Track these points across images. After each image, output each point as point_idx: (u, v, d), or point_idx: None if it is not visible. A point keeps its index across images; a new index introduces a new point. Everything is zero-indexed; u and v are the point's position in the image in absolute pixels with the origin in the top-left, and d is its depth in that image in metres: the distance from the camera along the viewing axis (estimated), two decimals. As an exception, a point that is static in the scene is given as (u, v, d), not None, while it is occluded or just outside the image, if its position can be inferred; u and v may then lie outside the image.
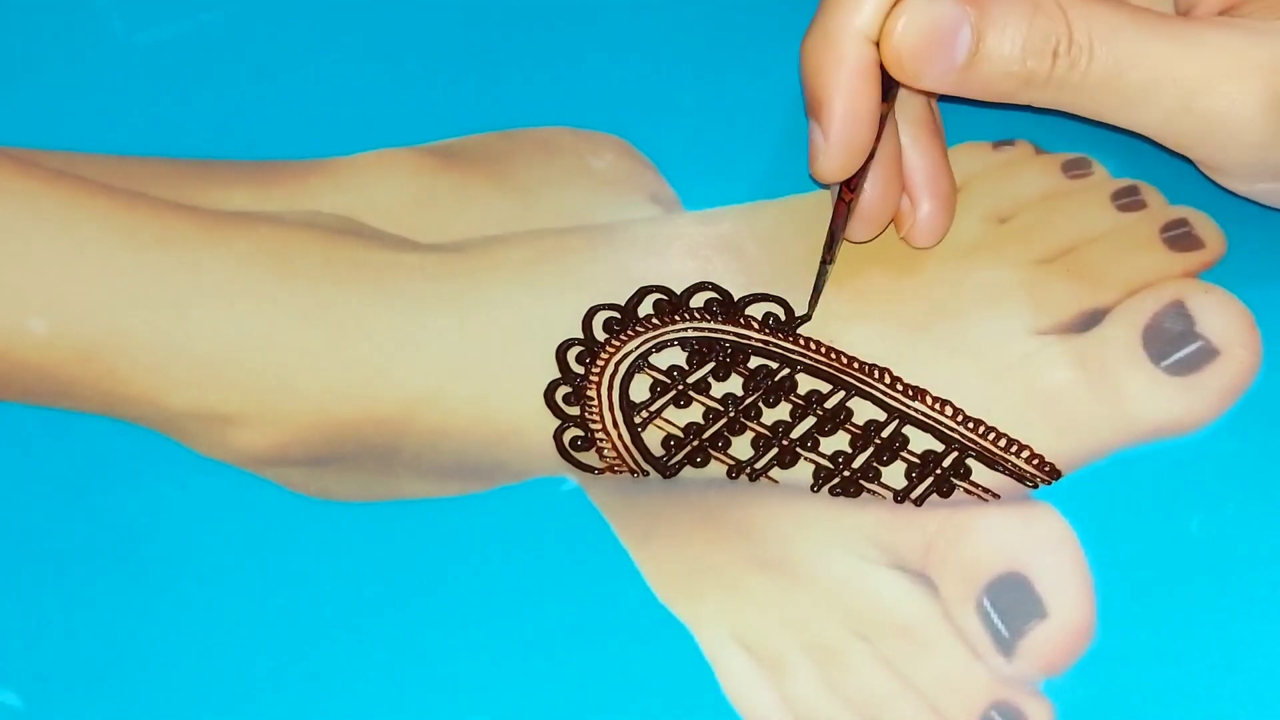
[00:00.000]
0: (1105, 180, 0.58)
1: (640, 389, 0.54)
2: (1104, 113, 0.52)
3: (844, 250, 0.56)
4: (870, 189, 0.54)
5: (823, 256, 0.55)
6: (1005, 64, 0.51)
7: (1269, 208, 0.55)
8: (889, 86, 0.52)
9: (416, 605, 0.50)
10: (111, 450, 0.53)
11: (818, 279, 0.55)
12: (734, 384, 0.54)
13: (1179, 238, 0.56)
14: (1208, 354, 0.54)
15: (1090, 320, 0.55)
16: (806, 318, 0.55)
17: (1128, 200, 0.57)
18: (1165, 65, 0.51)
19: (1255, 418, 0.53)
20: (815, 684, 0.49)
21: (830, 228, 0.55)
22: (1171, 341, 0.54)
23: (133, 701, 0.49)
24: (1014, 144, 0.59)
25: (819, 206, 0.57)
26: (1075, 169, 0.58)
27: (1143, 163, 0.57)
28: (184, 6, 0.62)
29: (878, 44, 0.51)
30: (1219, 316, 0.55)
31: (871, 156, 0.53)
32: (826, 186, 0.56)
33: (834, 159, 0.52)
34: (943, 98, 0.56)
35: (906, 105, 0.55)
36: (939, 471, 0.53)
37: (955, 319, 0.55)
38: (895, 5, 0.51)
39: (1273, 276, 0.56)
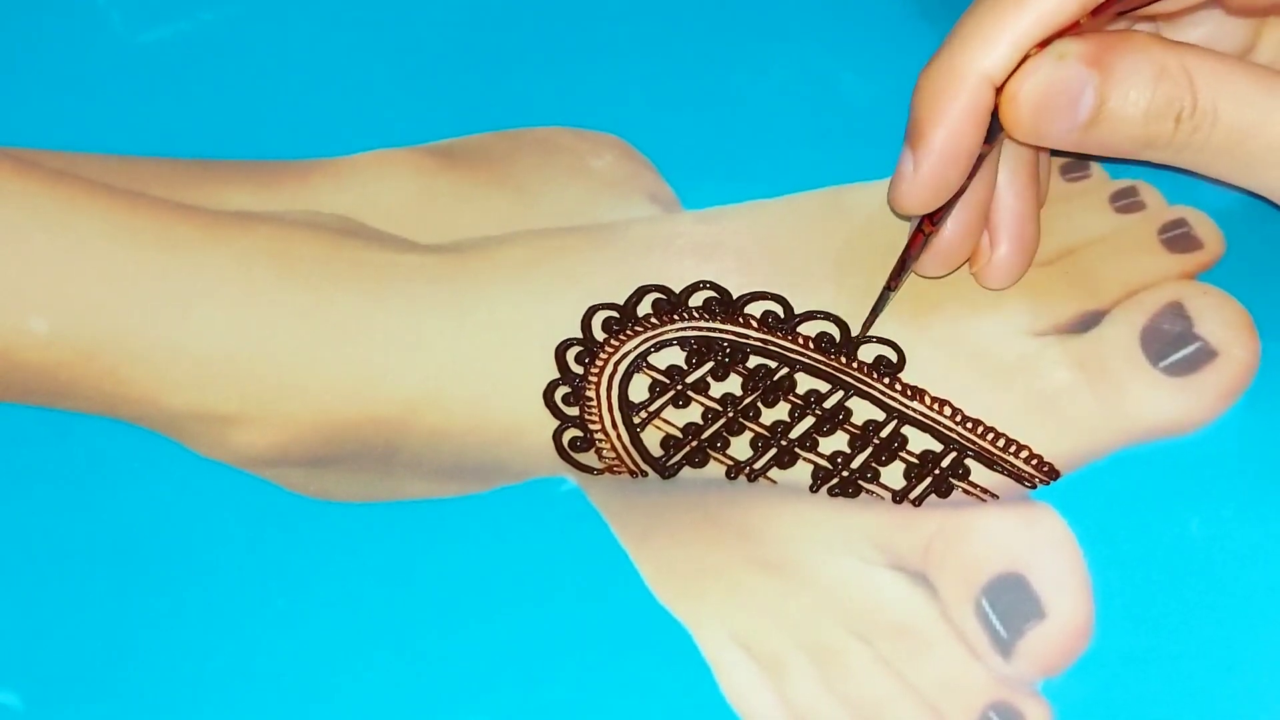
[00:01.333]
0: (1104, 181, 0.58)
1: (639, 389, 0.54)
2: (1225, 175, 0.52)
3: (841, 252, 0.56)
4: (952, 225, 0.54)
5: (887, 282, 0.54)
6: (1127, 126, 0.51)
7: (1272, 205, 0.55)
8: (995, 130, 0.51)
9: (416, 606, 0.50)
10: (112, 450, 0.53)
11: (878, 302, 0.54)
12: (733, 384, 0.54)
13: (1177, 238, 0.56)
14: (1206, 355, 0.54)
15: (1089, 321, 0.55)
16: (859, 338, 0.55)
17: (1126, 201, 0.57)
18: None
19: (1254, 418, 0.53)
20: (814, 684, 0.49)
21: (902, 255, 0.54)
22: (1170, 342, 0.55)
23: (132, 702, 0.49)
24: (1013, 146, 0.59)
25: (819, 206, 0.57)
26: (1074, 171, 0.58)
27: (1141, 163, 0.57)
28: (184, 6, 0.62)
29: (998, 89, 0.51)
30: (1217, 318, 0.55)
31: (960, 194, 0.52)
32: (904, 217, 0.55)
33: (918, 192, 0.52)
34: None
35: (1014, 146, 0.54)
36: (938, 472, 0.53)
37: (954, 320, 0.55)
38: (1025, 59, 0.50)
39: (1271, 277, 0.56)
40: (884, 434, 0.53)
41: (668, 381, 0.54)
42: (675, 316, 0.55)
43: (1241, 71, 0.51)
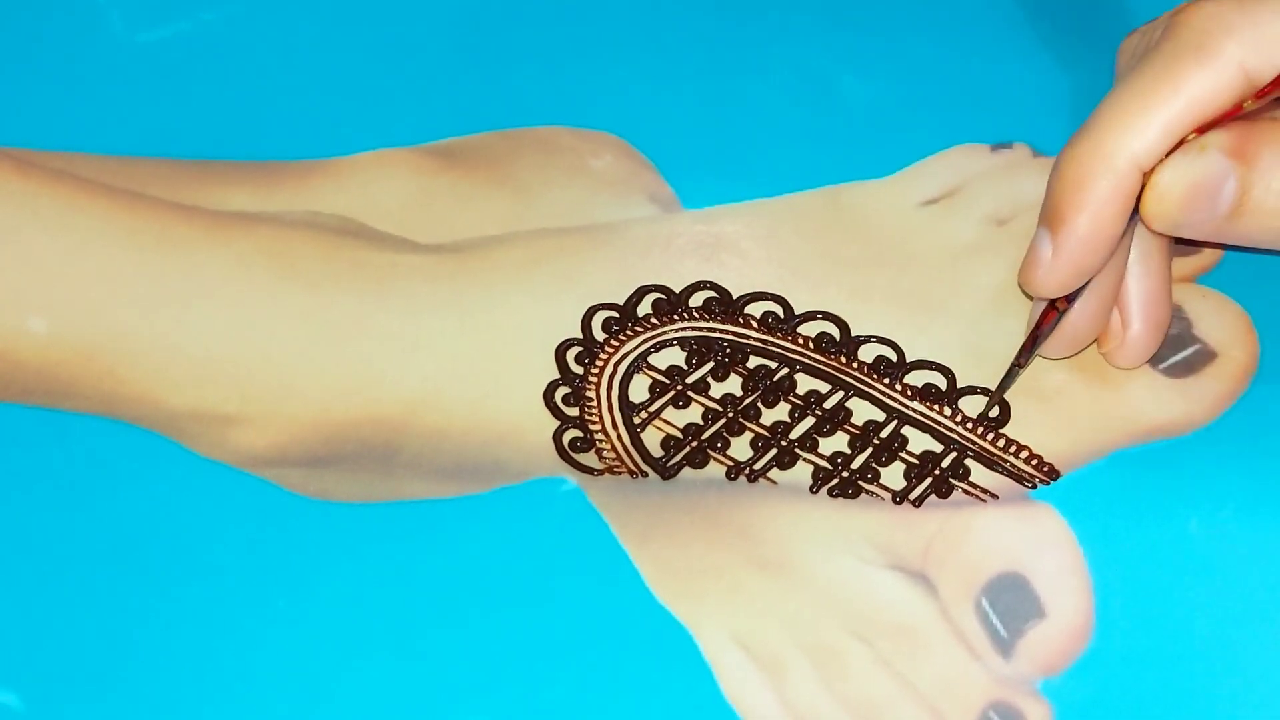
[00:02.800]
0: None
1: (639, 389, 0.54)
2: None
3: (841, 252, 0.56)
4: (1083, 305, 0.52)
5: (1015, 359, 0.53)
6: (1268, 219, 0.50)
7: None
8: (1132, 214, 0.50)
9: (416, 606, 0.50)
10: (111, 450, 0.53)
11: (1005, 379, 0.53)
12: (733, 384, 0.54)
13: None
14: (1205, 356, 0.54)
15: (1089, 321, 0.55)
16: (987, 416, 0.54)
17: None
18: None
19: (1252, 419, 0.53)
20: (814, 684, 0.49)
21: (1032, 333, 0.53)
22: (1169, 345, 0.55)
23: (132, 702, 0.49)
24: (1012, 146, 0.59)
25: (819, 205, 0.57)
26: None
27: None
28: (184, 6, 0.62)
29: (1147, 174, 0.50)
30: (1216, 319, 0.55)
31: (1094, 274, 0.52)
32: (1031, 297, 0.53)
33: (1058, 277, 0.50)
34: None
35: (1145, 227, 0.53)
36: (937, 472, 0.53)
37: (954, 320, 0.55)
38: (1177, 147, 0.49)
39: (1269, 280, 0.56)
40: (884, 434, 0.53)
41: (668, 382, 0.54)
42: (675, 316, 0.55)
43: None
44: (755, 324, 0.55)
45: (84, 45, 0.61)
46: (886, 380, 0.54)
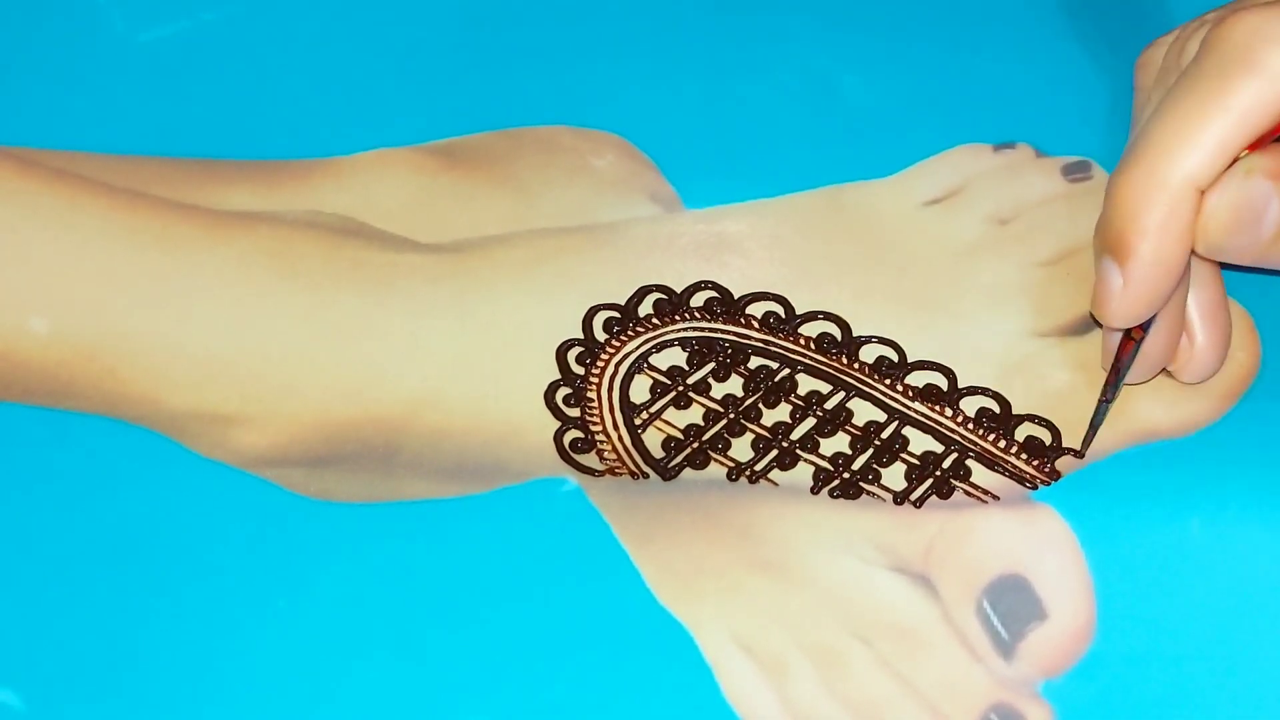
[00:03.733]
0: (1105, 183, 0.58)
1: (640, 390, 0.54)
2: None
3: (842, 252, 0.56)
4: (1156, 332, 0.52)
5: (1102, 395, 0.53)
6: None
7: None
8: None
9: (417, 606, 0.50)
10: (112, 450, 0.53)
11: (1095, 415, 0.53)
12: (734, 384, 0.54)
13: (1179, 241, 0.56)
14: (1207, 356, 0.54)
15: (1090, 322, 0.55)
16: (1080, 454, 0.53)
17: (1129, 204, 0.57)
18: None
19: (1254, 419, 0.53)
20: (815, 686, 0.49)
21: (1115, 365, 0.52)
22: (1170, 344, 0.55)
23: (133, 702, 0.49)
24: (1015, 147, 0.59)
25: (820, 205, 0.57)
26: (1076, 172, 0.58)
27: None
28: (184, 6, 0.62)
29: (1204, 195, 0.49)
30: (1218, 319, 0.55)
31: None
32: (1102, 326, 0.53)
33: (1131, 306, 0.50)
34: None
35: None
36: (939, 473, 0.53)
37: (956, 320, 0.55)
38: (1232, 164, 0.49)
39: (1271, 279, 0.56)
40: (885, 435, 0.53)
41: (669, 382, 0.54)
42: (676, 317, 0.55)
43: None
44: (756, 324, 0.55)
45: (85, 44, 0.61)
46: (888, 381, 0.54)
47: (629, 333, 0.55)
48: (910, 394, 0.54)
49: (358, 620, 0.50)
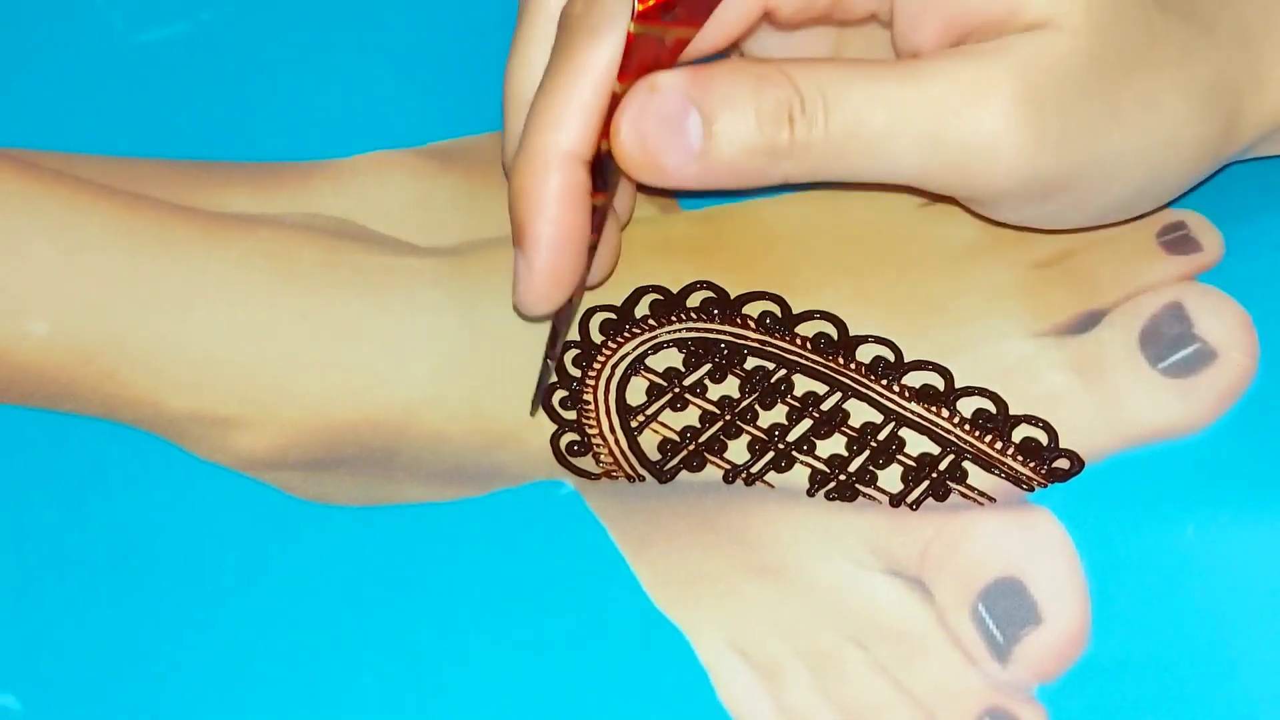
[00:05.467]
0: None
1: (637, 392, 0.54)
2: (857, 169, 0.50)
3: (839, 253, 0.56)
4: (599, 274, 0.54)
5: (546, 352, 0.53)
6: (744, 140, 0.49)
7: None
8: (606, 176, 0.50)
9: (414, 609, 0.50)
10: (110, 453, 0.53)
11: (542, 373, 0.53)
12: (730, 386, 0.54)
13: (1176, 241, 0.56)
14: (1205, 356, 0.54)
15: (1088, 322, 0.55)
16: (532, 414, 0.53)
17: (1125, 205, 0.57)
18: (902, 106, 0.49)
19: (1253, 421, 0.53)
20: (810, 690, 0.49)
21: (553, 324, 0.52)
22: (1169, 344, 0.54)
23: (131, 704, 0.49)
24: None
25: (819, 204, 0.57)
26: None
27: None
28: (184, 6, 0.62)
29: (590, 163, 0.50)
30: (1217, 319, 0.55)
31: (593, 253, 0.52)
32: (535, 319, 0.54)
33: (537, 292, 0.50)
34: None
35: None
36: (935, 475, 0.53)
37: (953, 321, 0.55)
38: (611, 111, 0.49)
39: (1271, 279, 0.55)
40: (881, 437, 0.53)
41: (665, 384, 0.54)
42: (673, 318, 0.55)
43: (837, 63, 0.50)
44: (753, 324, 0.55)
45: (84, 45, 0.61)
46: (884, 381, 0.54)
47: (625, 334, 0.55)
48: (907, 394, 0.54)
49: (356, 623, 0.50)
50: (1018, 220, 0.53)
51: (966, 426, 0.53)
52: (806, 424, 0.53)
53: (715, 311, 0.55)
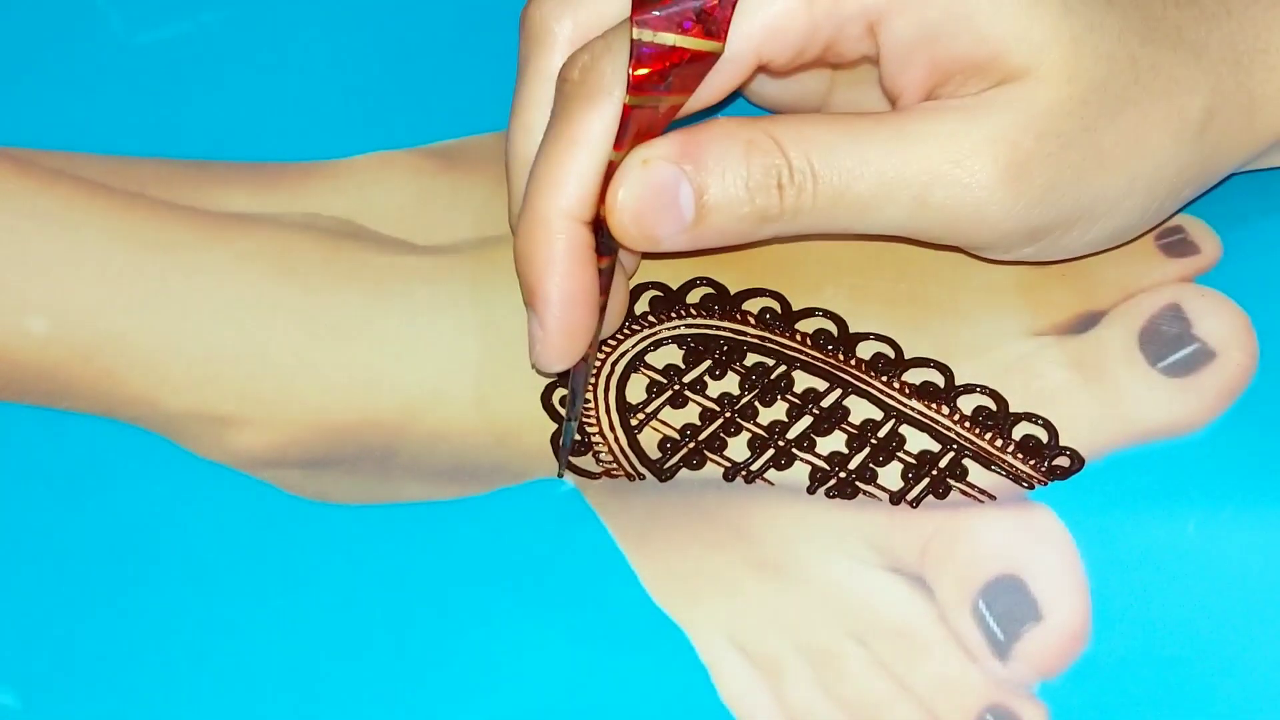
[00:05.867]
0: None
1: (637, 389, 0.54)
2: (847, 226, 0.51)
3: (839, 252, 0.56)
4: (609, 328, 0.54)
5: (566, 415, 0.53)
6: (735, 209, 0.50)
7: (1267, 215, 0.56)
8: (608, 240, 0.51)
9: (414, 607, 0.50)
10: (109, 451, 0.53)
11: (563, 437, 0.53)
12: (730, 382, 0.54)
13: (1174, 244, 0.56)
14: (1204, 356, 0.54)
15: (1087, 322, 0.55)
16: (560, 475, 0.53)
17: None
18: (890, 167, 0.50)
19: (1251, 420, 0.53)
20: (811, 687, 0.49)
21: (570, 386, 0.53)
22: (1168, 343, 0.55)
23: (130, 702, 0.49)
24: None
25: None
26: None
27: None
28: (184, 7, 0.62)
29: (591, 223, 0.50)
30: (1216, 319, 0.55)
31: (603, 313, 0.52)
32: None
33: (554, 348, 0.51)
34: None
35: None
36: (935, 473, 0.53)
37: (953, 319, 0.55)
38: (608, 179, 0.50)
39: (1269, 281, 0.56)
40: (881, 434, 0.53)
41: (665, 381, 0.54)
42: (673, 314, 0.55)
43: (823, 124, 0.50)
44: (753, 320, 0.55)
45: (84, 45, 0.61)
46: (884, 378, 0.54)
47: (625, 331, 0.55)
48: (907, 391, 0.54)
49: (355, 622, 0.50)
50: (1011, 258, 0.54)
51: (967, 424, 0.53)
52: (807, 421, 0.53)
53: (715, 308, 0.55)
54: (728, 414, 0.54)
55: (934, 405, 0.54)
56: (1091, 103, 0.50)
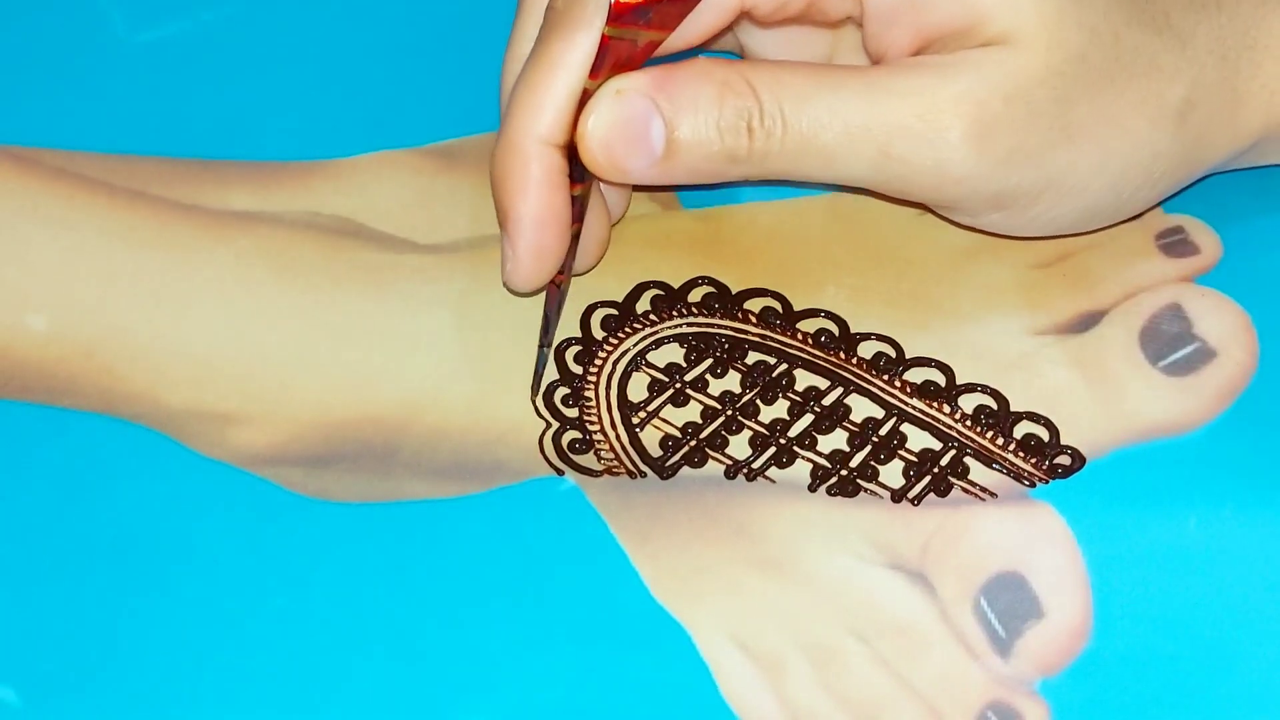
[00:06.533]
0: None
1: (638, 388, 0.54)
2: (811, 174, 0.52)
3: (840, 253, 0.56)
4: (585, 263, 0.55)
5: (540, 341, 0.54)
6: (704, 147, 0.51)
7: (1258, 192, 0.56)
8: (582, 168, 0.52)
9: (415, 605, 0.50)
10: (110, 448, 0.53)
11: (537, 362, 0.54)
12: (732, 381, 0.54)
13: (1175, 244, 0.56)
14: (1205, 355, 0.54)
15: (1088, 321, 0.55)
16: (532, 401, 0.54)
17: (1123, 210, 0.57)
18: (857, 118, 0.51)
19: (1251, 418, 0.53)
20: (812, 684, 0.49)
21: (545, 312, 0.54)
22: (1169, 342, 0.55)
23: (130, 700, 0.49)
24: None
25: (818, 205, 0.57)
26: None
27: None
28: (185, 6, 0.62)
29: (563, 146, 0.51)
30: (1216, 318, 0.55)
31: (576, 241, 0.53)
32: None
33: (523, 269, 0.52)
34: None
35: None
36: (936, 470, 0.53)
37: (953, 319, 0.55)
38: (582, 106, 0.51)
39: (1269, 280, 0.56)
40: (883, 432, 0.53)
41: (666, 380, 0.54)
42: (674, 313, 0.55)
43: (799, 72, 0.51)
44: (754, 319, 0.55)
45: (85, 44, 0.61)
46: (885, 377, 0.54)
47: (626, 330, 0.55)
48: (908, 390, 0.54)
49: (355, 620, 0.50)
50: (977, 225, 0.54)
51: (968, 422, 0.53)
52: (808, 419, 0.53)
53: (716, 307, 0.55)
54: (729, 412, 0.54)
55: (935, 404, 0.54)
56: (1067, 74, 0.51)
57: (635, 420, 0.54)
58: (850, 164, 0.51)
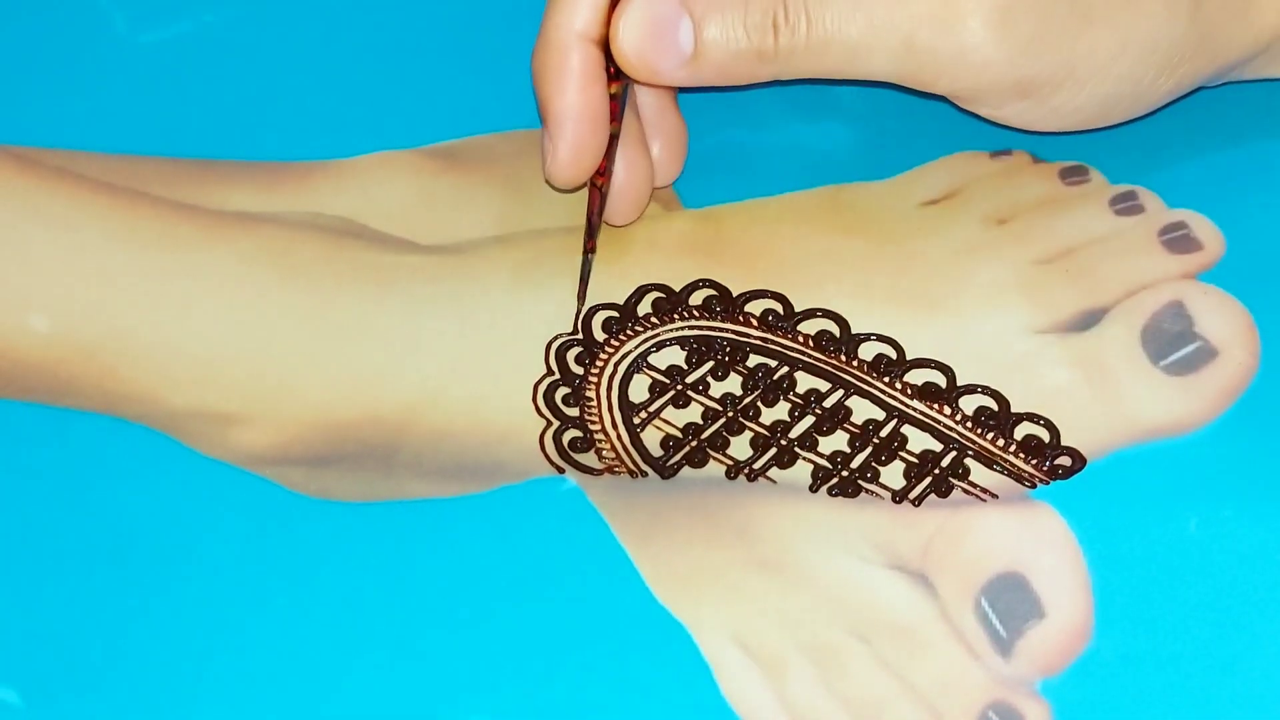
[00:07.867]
0: (1103, 186, 0.58)
1: (639, 389, 0.54)
2: (837, 70, 0.54)
3: (841, 250, 0.56)
4: (622, 170, 0.56)
5: (585, 246, 0.55)
6: (732, 47, 0.53)
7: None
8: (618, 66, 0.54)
9: (416, 605, 0.50)
10: (112, 449, 0.53)
11: (583, 269, 0.55)
12: (733, 383, 0.54)
13: (1177, 240, 0.56)
14: (1206, 354, 0.54)
15: (1089, 320, 0.55)
16: (578, 312, 0.55)
17: (1125, 205, 0.57)
18: (880, 11, 0.52)
19: (1253, 418, 0.53)
20: (813, 684, 0.49)
21: (588, 216, 0.55)
22: (1170, 341, 0.55)
23: (131, 700, 0.49)
24: (1011, 153, 0.59)
25: (818, 204, 0.57)
26: (1073, 176, 0.58)
27: (1140, 169, 0.57)
28: (186, 7, 0.62)
29: (600, 41, 0.53)
30: (1218, 317, 0.55)
31: (615, 141, 0.54)
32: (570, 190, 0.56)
33: (563, 164, 0.54)
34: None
35: None
36: (937, 471, 0.53)
37: (954, 317, 0.55)
38: (616, 4, 0.53)
39: (1271, 278, 0.56)
40: (884, 433, 0.53)
41: (668, 381, 0.54)
42: (675, 315, 0.55)
43: None
44: (755, 322, 0.55)
45: (87, 45, 0.61)
46: (886, 379, 0.54)
47: (628, 332, 0.55)
48: (909, 392, 0.54)
49: (357, 619, 0.50)
50: (1001, 118, 0.55)
51: (968, 424, 0.53)
52: (809, 420, 0.53)
53: (717, 309, 0.55)
54: (730, 413, 0.54)
55: (936, 405, 0.54)
56: None
57: (636, 420, 0.54)
58: (875, 57, 0.53)
